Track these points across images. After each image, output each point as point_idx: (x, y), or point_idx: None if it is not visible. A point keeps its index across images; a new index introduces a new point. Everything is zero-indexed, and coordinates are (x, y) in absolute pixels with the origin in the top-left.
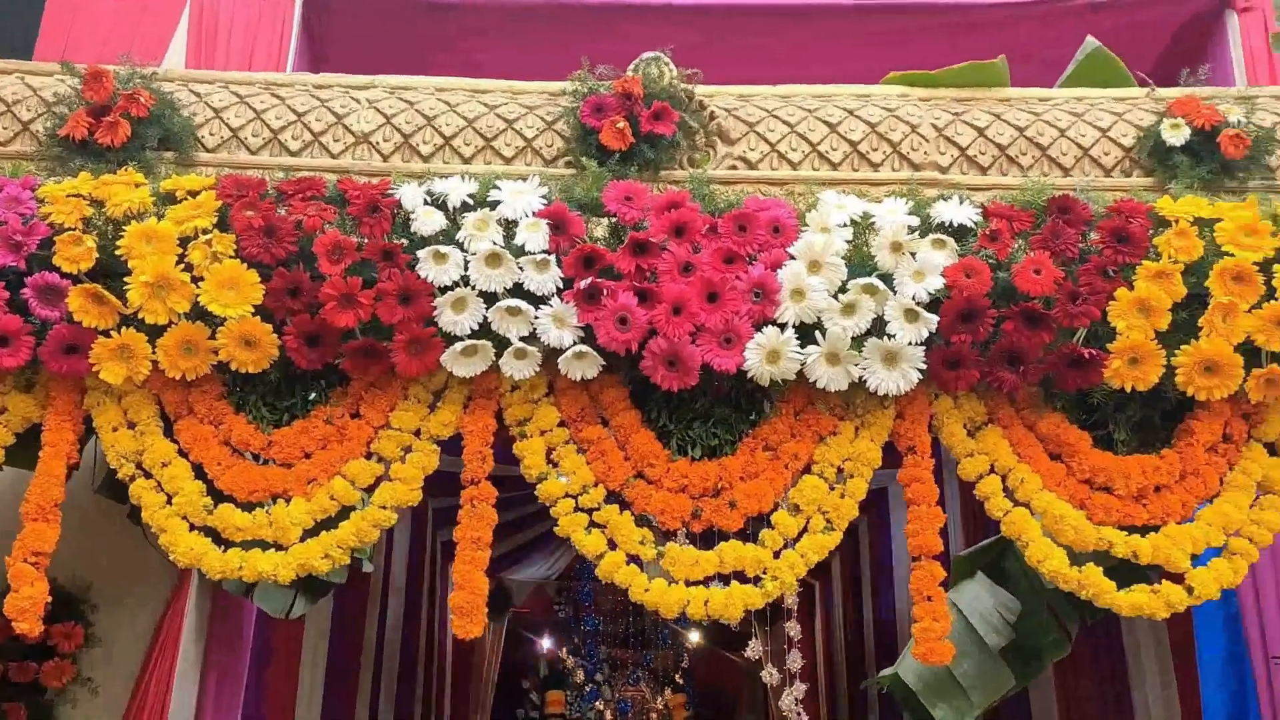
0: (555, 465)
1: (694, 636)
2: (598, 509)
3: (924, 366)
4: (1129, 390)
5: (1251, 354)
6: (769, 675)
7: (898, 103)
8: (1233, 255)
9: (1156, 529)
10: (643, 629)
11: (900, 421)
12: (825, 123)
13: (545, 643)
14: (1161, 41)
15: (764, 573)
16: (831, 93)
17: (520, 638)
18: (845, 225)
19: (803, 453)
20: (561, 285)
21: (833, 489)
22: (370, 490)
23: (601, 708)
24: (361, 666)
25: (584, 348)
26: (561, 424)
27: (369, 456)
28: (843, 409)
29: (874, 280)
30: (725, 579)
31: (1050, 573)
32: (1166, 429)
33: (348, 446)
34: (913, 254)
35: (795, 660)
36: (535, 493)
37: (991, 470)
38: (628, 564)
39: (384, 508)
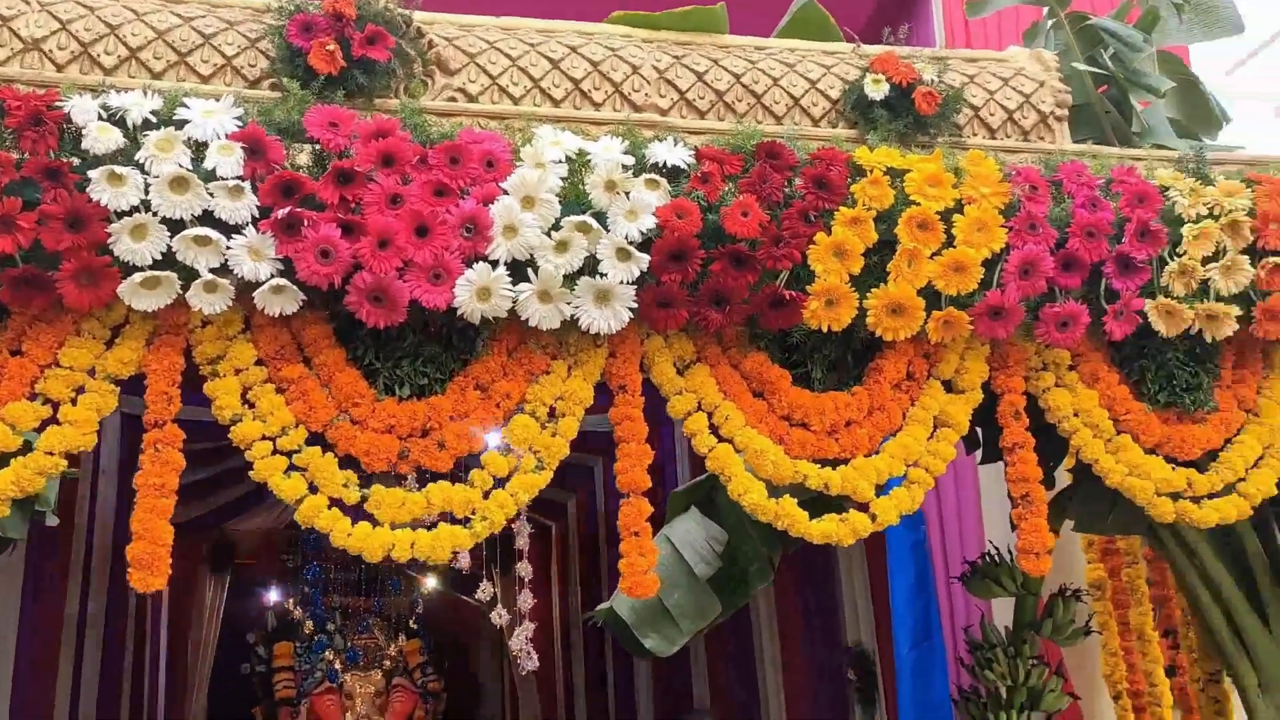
0: (251, 406)
1: (430, 583)
2: (298, 451)
3: (635, 306)
4: (825, 330)
5: (932, 297)
6: (498, 616)
7: (621, 43)
8: (918, 204)
9: (847, 462)
10: (375, 576)
11: (612, 360)
12: (548, 58)
13: (273, 595)
14: (871, 3)
15: (473, 513)
16: (555, 28)
17: (246, 590)
18: (560, 162)
19: (514, 392)
20: (257, 214)
21: (544, 428)
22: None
23: (331, 657)
24: (61, 644)
25: (282, 281)
26: (259, 362)
27: (33, 398)
28: (555, 348)
29: (587, 218)
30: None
31: (750, 505)
32: (858, 368)
33: (7, 387)
34: (626, 193)
35: (526, 600)
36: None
37: (699, 408)
38: (330, 508)
39: (51, 454)
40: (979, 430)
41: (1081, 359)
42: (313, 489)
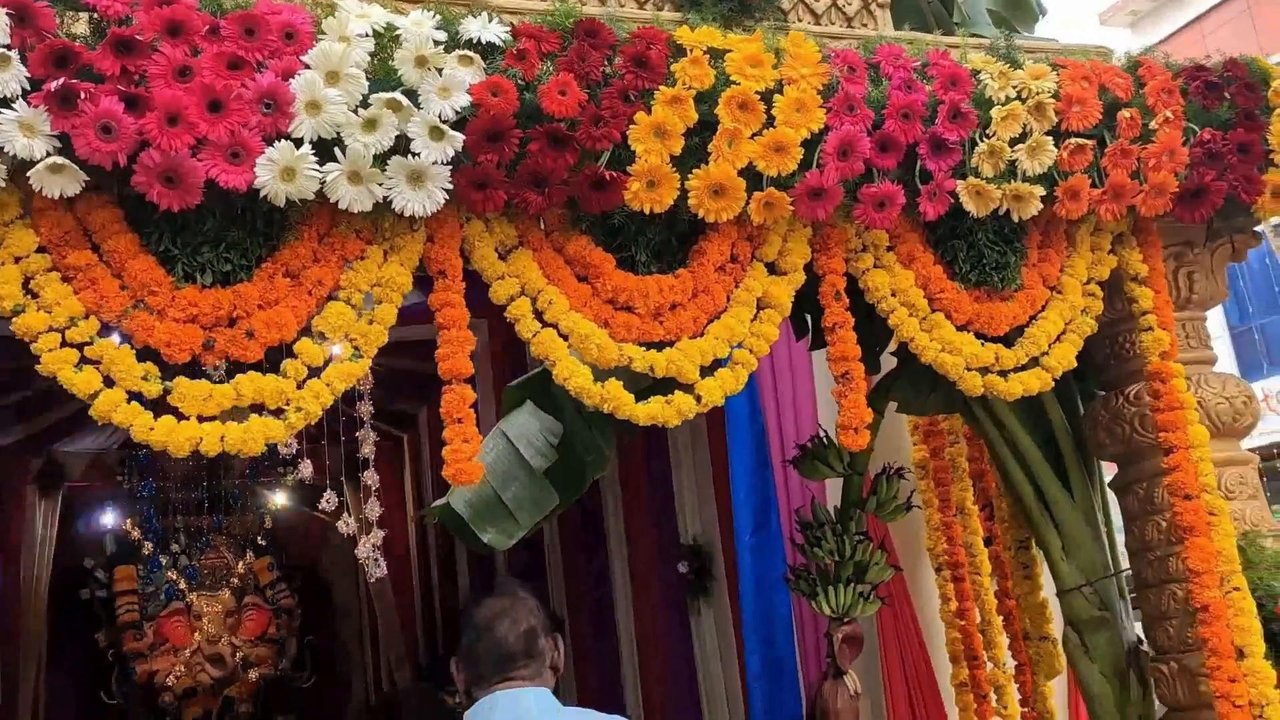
0: (35, 296)
1: (278, 499)
2: (90, 343)
3: (450, 187)
4: (648, 213)
5: (754, 179)
6: (345, 525)
7: None
8: (739, 84)
9: (672, 344)
10: (219, 494)
11: (430, 245)
12: None
13: (109, 518)
14: None
15: (287, 404)
16: None
17: (80, 514)
18: (367, 35)
19: (327, 278)
20: (29, 87)
21: (361, 316)
22: None
23: (175, 577)
24: None
25: (61, 160)
26: (41, 249)
27: None
28: (370, 232)
29: (398, 95)
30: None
31: (576, 389)
32: (682, 251)
33: None
34: (439, 70)
35: (374, 509)
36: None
37: (522, 293)
38: (129, 402)
39: None
40: (809, 317)
41: (899, 240)
42: (109, 383)
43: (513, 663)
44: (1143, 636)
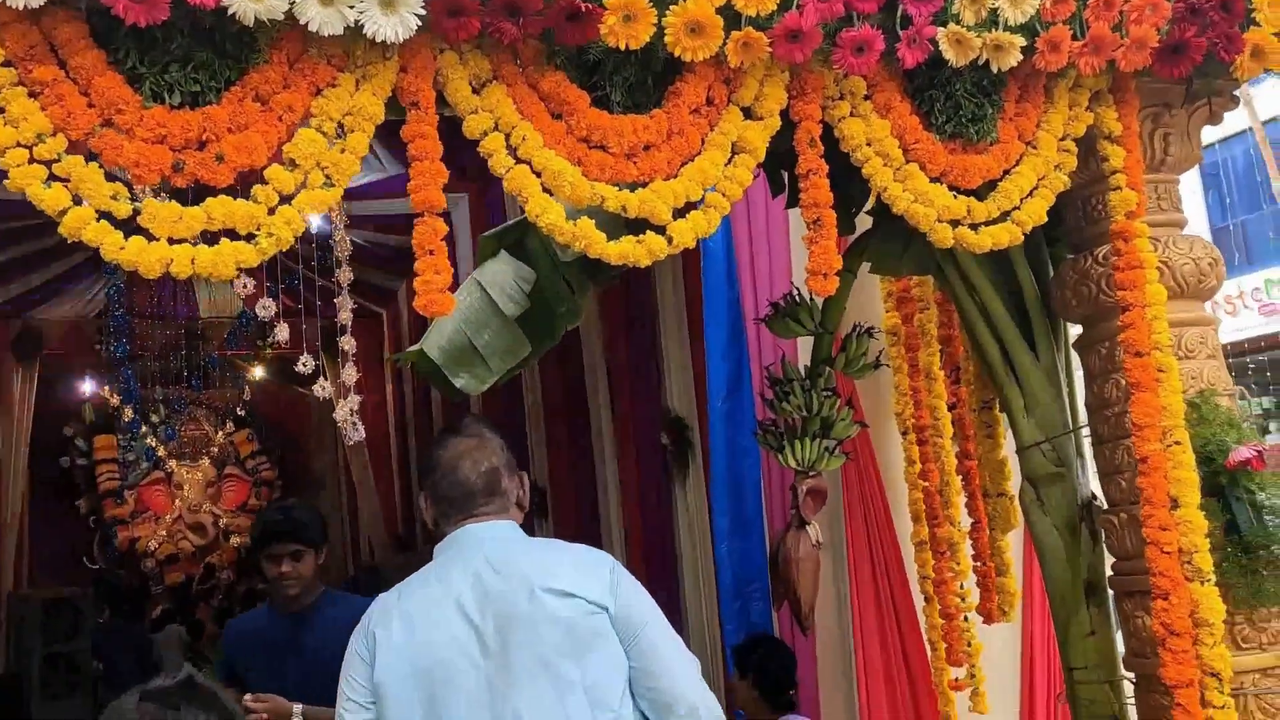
0: (2, 111)
1: (258, 372)
2: (58, 160)
3: (424, 13)
4: (624, 50)
5: (732, 18)
6: (321, 389)
7: None
8: None
9: (645, 185)
10: (199, 365)
11: (404, 75)
12: None
13: (88, 386)
14: None
15: (258, 229)
16: None
17: (59, 382)
18: None
19: (297, 104)
20: None
21: (333, 144)
22: None
23: (155, 444)
24: None
25: None
26: (7, 64)
27: None
28: (342, 59)
29: None
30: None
31: (547, 226)
32: (657, 92)
33: None
34: None
35: (351, 374)
36: None
37: (496, 128)
38: (98, 220)
39: None
40: (785, 175)
41: (876, 89)
42: (77, 201)
43: (474, 500)
44: (1096, 491)
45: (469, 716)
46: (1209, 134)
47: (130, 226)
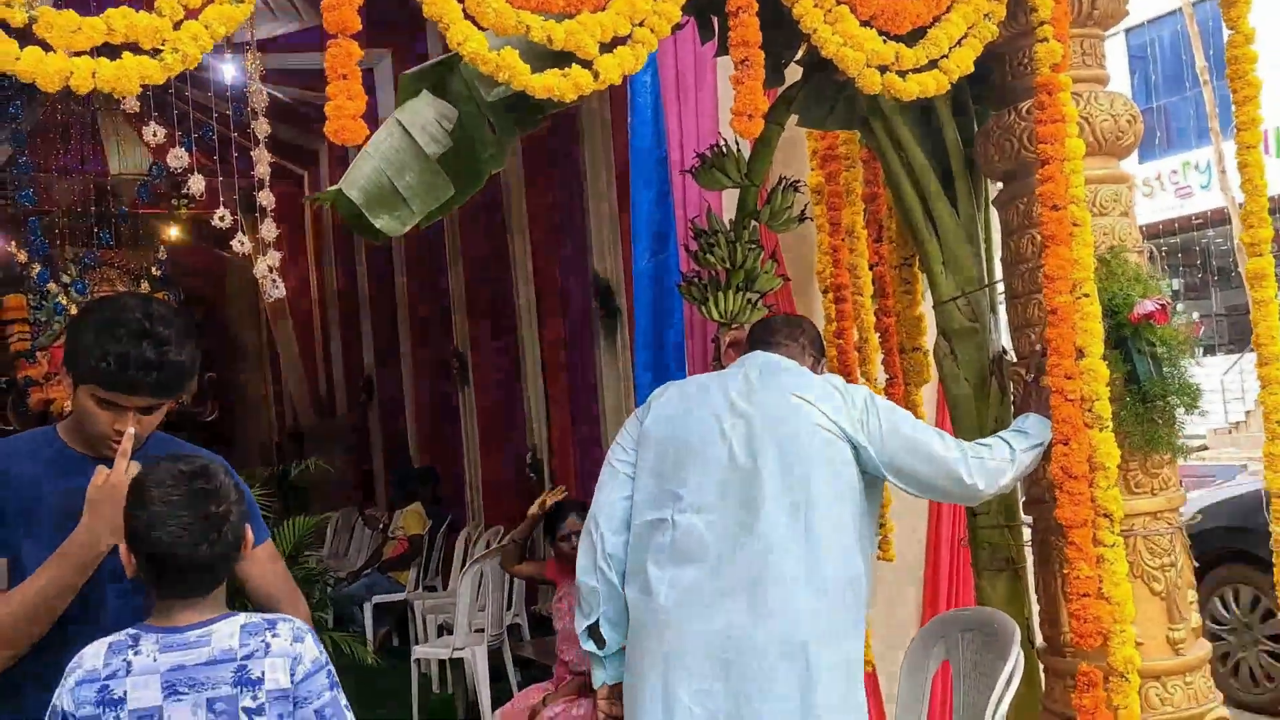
0: None
1: (173, 232)
2: None
3: None
4: None
5: None
6: (239, 244)
7: None
8: None
9: (572, 17)
10: (110, 221)
11: None
12: None
13: None
14: None
15: (163, 44)
16: None
17: None
18: None
19: None
20: None
21: None
22: None
23: (66, 303)
24: None
25: None
26: None
27: None
28: None
29: None
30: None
31: (469, 54)
32: None
33: None
34: None
35: (270, 230)
36: None
37: None
38: None
39: None
40: (714, 20)
41: None
42: None
43: (774, 336)
44: (1007, 346)
45: (703, 476)
46: (1138, 12)
47: (29, 38)
